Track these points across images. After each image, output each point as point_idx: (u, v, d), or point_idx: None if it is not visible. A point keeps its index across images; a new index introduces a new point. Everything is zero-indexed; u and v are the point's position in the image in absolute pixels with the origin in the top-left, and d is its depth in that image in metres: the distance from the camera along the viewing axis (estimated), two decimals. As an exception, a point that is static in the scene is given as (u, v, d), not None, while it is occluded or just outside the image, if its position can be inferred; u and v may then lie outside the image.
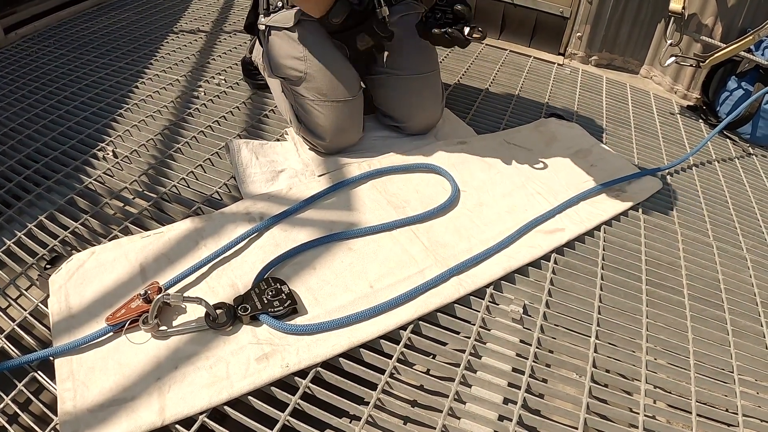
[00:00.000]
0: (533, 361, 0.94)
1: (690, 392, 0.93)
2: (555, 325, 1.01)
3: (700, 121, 1.85)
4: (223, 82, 1.67)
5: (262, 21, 1.32)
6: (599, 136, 1.60)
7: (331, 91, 1.27)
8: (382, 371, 0.89)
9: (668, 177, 1.48)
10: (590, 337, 0.99)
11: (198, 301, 0.90)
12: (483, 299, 1.03)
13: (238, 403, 0.83)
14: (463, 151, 1.39)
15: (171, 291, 0.95)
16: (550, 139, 1.50)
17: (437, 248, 1.10)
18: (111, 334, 0.88)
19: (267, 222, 1.10)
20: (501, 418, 0.86)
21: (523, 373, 0.92)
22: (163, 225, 1.11)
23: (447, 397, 0.86)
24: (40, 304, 0.96)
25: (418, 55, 1.37)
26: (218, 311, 0.91)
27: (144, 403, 0.79)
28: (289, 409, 0.82)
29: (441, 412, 0.84)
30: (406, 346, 0.93)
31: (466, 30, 1.16)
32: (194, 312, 0.92)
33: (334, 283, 1.01)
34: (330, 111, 1.27)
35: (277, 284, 0.96)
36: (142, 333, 0.89)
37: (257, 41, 1.44)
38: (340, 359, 0.90)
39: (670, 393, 0.93)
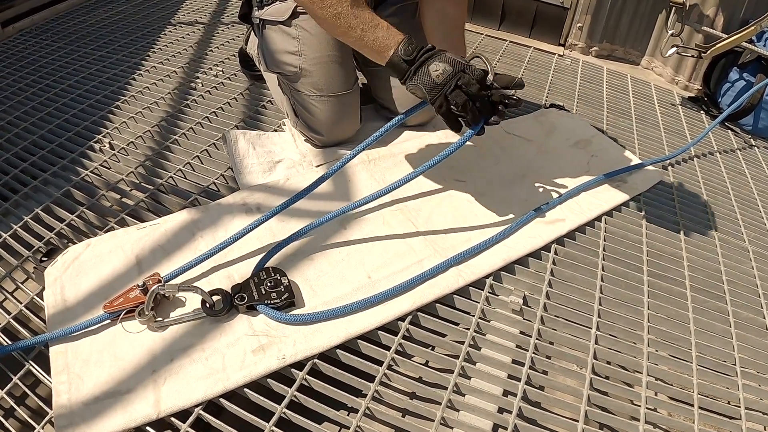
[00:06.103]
0: (533, 353, 0.93)
1: (692, 384, 0.92)
2: (555, 316, 1.00)
3: (702, 112, 1.83)
4: (221, 73, 1.66)
5: (256, 14, 1.30)
6: (600, 126, 1.58)
7: (327, 86, 1.25)
8: (380, 363, 0.88)
9: (669, 168, 1.47)
10: (591, 328, 0.98)
11: (194, 289, 0.89)
12: (482, 290, 1.02)
13: (234, 395, 0.82)
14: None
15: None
16: (551, 130, 1.49)
17: (436, 239, 1.09)
18: (107, 321, 0.87)
19: (268, 214, 1.08)
20: (501, 410, 0.85)
21: (523, 364, 0.91)
22: (160, 216, 1.10)
23: (446, 389, 0.86)
24: (35, 297, 0.95)
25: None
26: (215, 298, 0.90)
27: (139, 395, 0.79)
28: (285, 402, 0.81)
29: (440, 404, 0.83)
30: (404, 337, 0.93)
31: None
32: (191, 304, 0.92)
33: (331, 273, 1.00)
34: (327, 105, 1.26)
35: (277, 275, 0.94)
36: (138, 323, 0.88)
37: (252, 32, 1.41)
38: (338, 351, 0.89)
39: (671, 385, 0.92)
